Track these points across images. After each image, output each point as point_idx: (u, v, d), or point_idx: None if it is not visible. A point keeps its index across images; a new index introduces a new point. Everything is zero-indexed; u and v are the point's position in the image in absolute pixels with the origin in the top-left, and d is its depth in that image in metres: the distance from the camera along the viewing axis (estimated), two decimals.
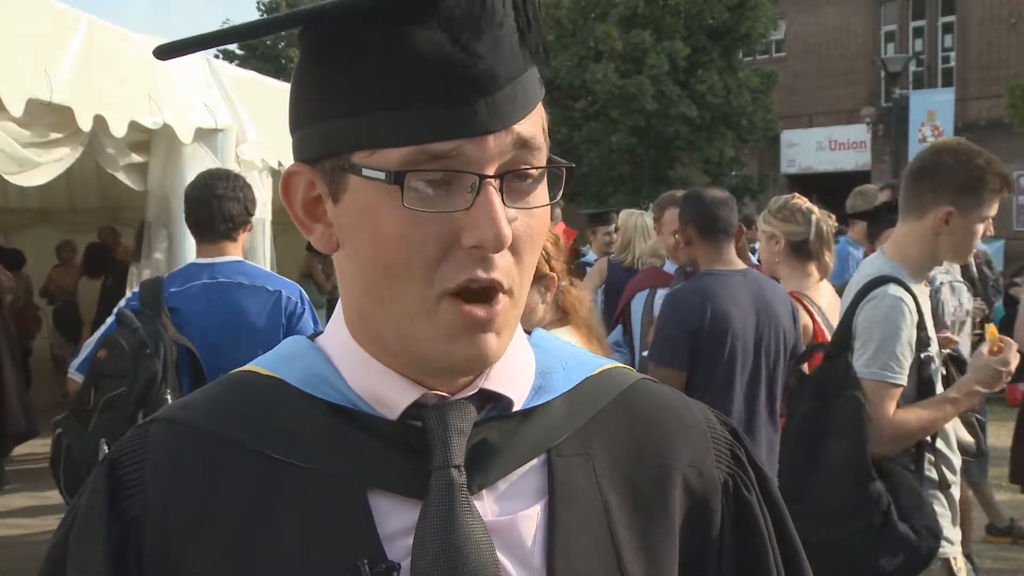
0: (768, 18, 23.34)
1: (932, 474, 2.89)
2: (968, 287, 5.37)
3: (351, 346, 0.97)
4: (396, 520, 0.91)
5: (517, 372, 0.99)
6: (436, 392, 0.94)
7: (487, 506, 0.93)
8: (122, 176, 4.94)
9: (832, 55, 28.73)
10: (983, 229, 2.87)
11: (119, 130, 4.34)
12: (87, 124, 4.12)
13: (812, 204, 4.15)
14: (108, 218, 9.82)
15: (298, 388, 0.97)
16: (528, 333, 1.06)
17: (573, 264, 7.08)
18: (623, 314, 5.08)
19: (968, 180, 2.80)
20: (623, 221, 6.59)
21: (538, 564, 0.93)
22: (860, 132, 27.81)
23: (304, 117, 0.93)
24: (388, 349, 0.94)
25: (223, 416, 0.97)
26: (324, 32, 0.90)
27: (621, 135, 22.57)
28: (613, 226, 7.26)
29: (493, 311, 0.89)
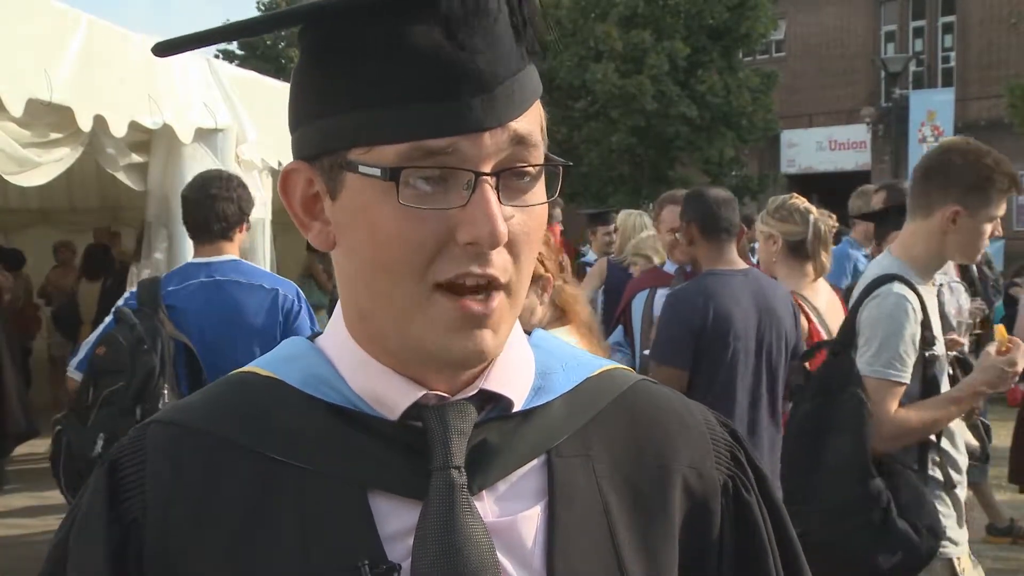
0: (768, 18, 23.33)
1: (937, 474, 2.88)
2: (966, 287, 5.37)
3: (351, 346, 0.97)
4: (396, 521, 0.91)
5: (517, 372, 0.99)
6: (436, 392, 0.94)
7: (487, 507, 0.93)
8: (122, 176, 4.94)
9: (832, 55, 28.72)
10: (991, 229, 2.86)
11: (119, 130, 4.34)
12: (87, 124, 4.12)
13: (810, 204, 4.15)
14: (108, 218, 9.82)
15: (298, 389, 0.96)
16: (528, 334, 1.06)
17: (575, 262, 7.07)
18: (624, 314, 5.07)
19: (976, 179, 2.79)
20: (622, 221, 6.58)
21: (538, 565, 0.93)
22: (860, 132, 27.80)
23: (303, 115, 0.93)
24: (387, 348, 0.94)
25: (223, 417, 0.97)
26: (323, 30, 0.90)
27: (621, 135, 22.57)
28: (613, 226, 7.25)
29: (489, 306, 0.89)
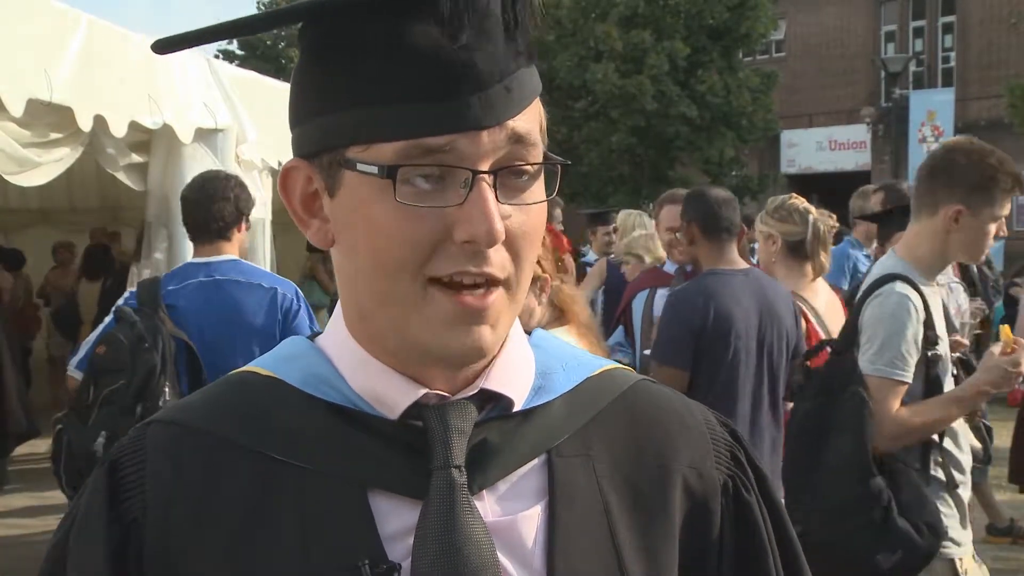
0: (768, 18, 23.33)
1: (939, 474, 2.86)
2: (965, 288, 5.36)
3: (351, 345, 0.97)
4: (396, 520, 0.91)
5: (517, 372, 0.99)
6: (437, 392, 0.94)
7: (487, 506, 0.93)
8: (122, 176, 4.94)
9: (832, 55, 28.71)
10: (996, 229, 2.85)
11: (119, 130, 4.34)
12: (87, 124, 4.12)
13: (809, 204, 4.14)
14: (108, 218, 9.82)
15: (298, 388, 0.96)
16: (528, 334, 1.06)
17: (577, 260, 7.06)
18: (624, 315, 5.07)
19: (980, 179, 2.79)
20: (621, 221, 6.59)
21: (539, 565, 0.93)
22: (860, 132, 27.79)
23: (303, 112, 0.93)
24: (387, 347, 0.94)
25: (223, 417, 0.96)
26: (322, 28, 0.91)
27: (621, 135, 22.57)
28: (613, 226, 7.26)
29: (485, 301, 0.89)
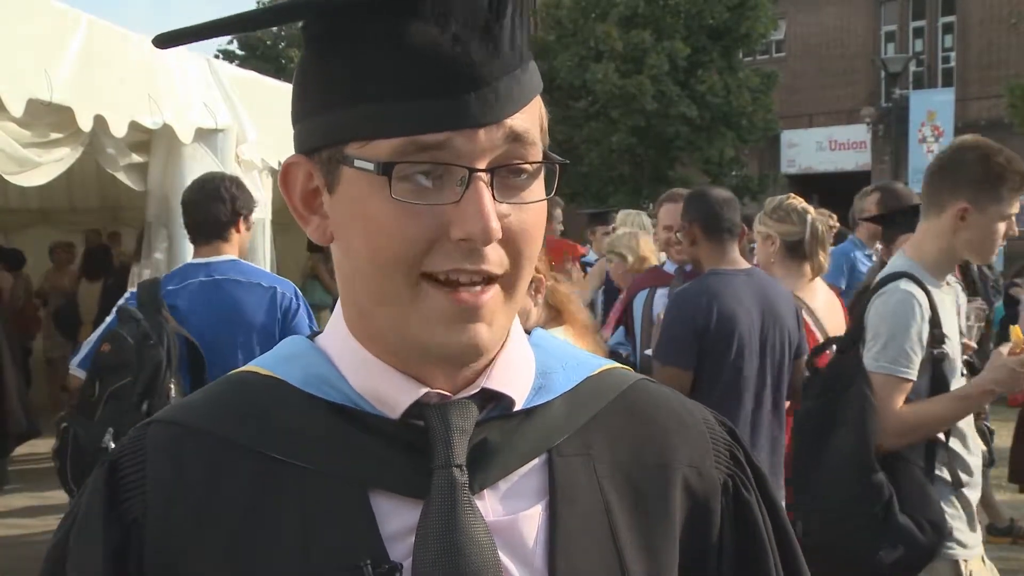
0: (768, 18, 23.35)
1: (944, 474, 2.84)
2: (963, 287, 5.35)
3: (351, 345, 0.97)
4: (398, 520, 0.91)
5: (518, 372, 0.99)
6: (438, 391, 0.94)
7: (488, 506, 0.93)
8: (122, 176, 4.94)
9: (832, 55, 28.71)
10: (1005, 228, 2.83)
11: (119, 130, 4.34)
12: (87, 124, 4.12)
13: (808, 204, 4.14)
14: (108, 218, 9.82)
15: (298, 388, 0.96)
16: (527, 334, 1.06)
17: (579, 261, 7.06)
18: (625, 315, 5.07)
19: (987, 177, 2.78)
20: (621, 221, 6.59)
21: (540, 564, 0.93)
22: (860, 132, 27.79)
23: (304, 109, 0.94)
24: (387, 346, 0.94)
25: (223, 417, 0.96)
26: (324, 24, 0.91)
27: (621, 135, 22.57)
28: (612, 226, 7.26)
29: (481, 298, 0.89)
